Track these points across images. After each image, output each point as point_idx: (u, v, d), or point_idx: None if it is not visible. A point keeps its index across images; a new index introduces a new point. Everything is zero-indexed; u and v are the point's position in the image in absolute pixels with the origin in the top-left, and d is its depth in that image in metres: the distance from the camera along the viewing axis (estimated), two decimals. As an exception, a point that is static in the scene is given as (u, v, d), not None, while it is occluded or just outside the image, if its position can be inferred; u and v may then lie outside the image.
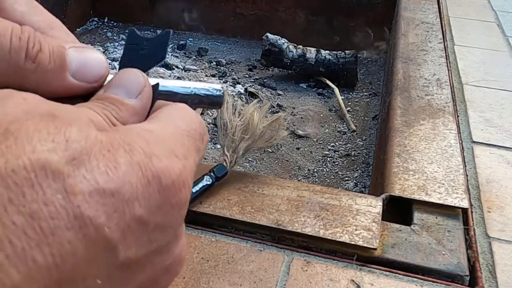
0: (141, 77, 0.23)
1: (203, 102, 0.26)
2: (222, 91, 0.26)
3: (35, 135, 0.16)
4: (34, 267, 0.15)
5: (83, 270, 0.16)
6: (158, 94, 0.23)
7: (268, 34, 1.26)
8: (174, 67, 1.27)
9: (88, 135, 0.17)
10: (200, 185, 0.45)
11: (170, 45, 1.40)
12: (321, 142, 1.03)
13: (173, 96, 0.25)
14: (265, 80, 1.27)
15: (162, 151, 0.19)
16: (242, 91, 1.19)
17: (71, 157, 0.16)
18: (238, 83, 1.24)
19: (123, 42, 1.46)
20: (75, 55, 0.21)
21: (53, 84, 0.20)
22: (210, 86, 0.26)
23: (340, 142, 1.02)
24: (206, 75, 1.26)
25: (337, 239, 0.43)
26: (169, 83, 0.25)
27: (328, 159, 0.97)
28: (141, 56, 0.25)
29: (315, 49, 1.25)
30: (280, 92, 1.22)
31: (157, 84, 0.24)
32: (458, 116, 0.67)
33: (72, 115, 0.18)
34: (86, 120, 0.19)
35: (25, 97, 0.18)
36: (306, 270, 0.41)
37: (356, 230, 0.43)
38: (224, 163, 0.47)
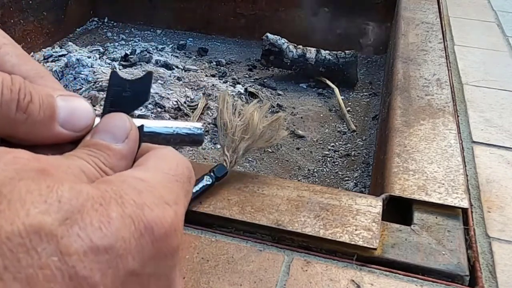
0: (127, 121, 0.23)
1: (184, 141, 0.27)
2: (203, 129, 0.28)
3: (27, 197, 0.16)
4: None
5: None
6: (142, 135, 0.24)
7: (268, 34, 1.26)
8: (174, 67, 1.27)
9: (80, 191, 0.17)
10: (200, 185, 0.45)
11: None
12: (321, 142, 1.03)
13: (156, 137, 0.26)
14: (265, 80, 1.27)
15: (153, 200, 0.19)
16: (242, 91, 1.19)
17: (64, 218, 0.16)
18: (238, 83, 1.24)
19: (123, 42, 1.46)
20: (63, 105, 0.22)
21: (42, 133, 0.21)
22: (192, 125, 0.27)
23: (340, 142, 1.02)
24: (206, 75, 1.26)
25: (337, 239, 0.43)
26: (152, 124, 0.26)
27: (328, 159, 0.97)
28: (125, 99, 0.25)
29: (315, 49, 1.25)
30: (280, 92, 1.22)
31: (142, 126, 0.25)
32: (458, 116, 0.67)
33: (63, 169, 0.19)
34: (77, 172, 0.19)
35: (16, 155, 0.18)
36: (306, 270, 0.41)
37: (356, 230, 0.43)
38: (224, 163, 0.47)
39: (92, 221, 0.17)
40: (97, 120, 0.24)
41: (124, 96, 0.25)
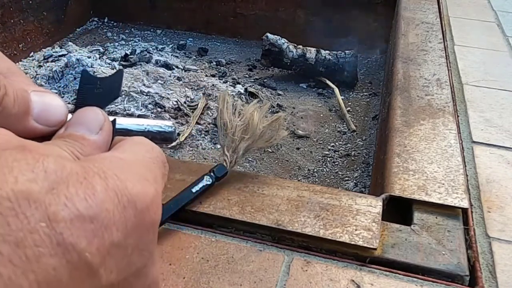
0: (100, 114, 0.23)
1: (155, 138, 0.27)
2: (174, 128, 0.28)
3: (14, 165, 0.17)
4: None
5: None
6: (114, 132, 0.25)
7: (268, 34, 1.26)
8: (174, 67, 1.27)
9: (65, 165, 0.18)
10: (200, 185, 0.45)
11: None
12: (321, 142, 1.03)
13: (127, 134, 0.26)
14: (265, 80, 1.27)
15: (134, 176, 0.19)
16: (242, 91, 1.19)
17: (51, 187, 0.17)
18: (238, 83, 1.24)
19: (123, 42, 1.46)
20: (37, 99, 0.22)
21: (17, 128, 0.21)
22: (163, 123, 0.28)
23: (340, 142, 1.02)
24: (206, 75, 1.26)
25: (337, 239, 0.43)
26: (124, 121, 0.27)
27: (328, 159, 0.97)
28: (96, 95, 0.26)
29: (315, 49, 1.25)
30: (280, 92, 1.22)
31: (115, 120, 0.25)
32: (458, 116, 0.67)
33: (43, 149, 0.19)
34: (57, 153, 0.19)
35: None
36: (306, 270, 0.41)
37: (356, 230, 0.43)
38: (224, 163, 0.47)
39: (78, 192, 0.17)
40: (70, 116, 0.24)
41: (96, 93, 0.26)
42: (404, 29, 0.95)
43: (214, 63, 1.36)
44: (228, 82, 1.23)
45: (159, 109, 1.06)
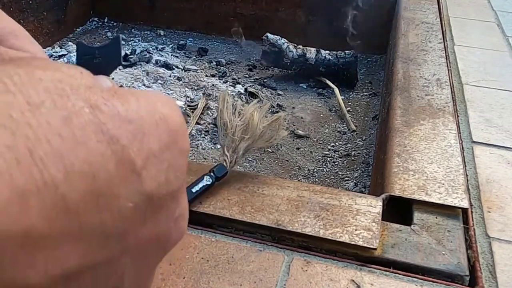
0: (107, 80, 0.23)
1: None
2: None
3: (49, 66, 0.17)
4: (72, 169, 0.15)
5: (116, 189, 0.16)
6: None
7: (268, 34, 1.26)
8: (174, 67, 1.27)
9: (99, 79, 0.19)
10: (200, 185, 0.45)
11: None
12: (321, 142, 1.03)
13: None
14: (265, 80, 1.27)
15: (163, 100, 0.19)
16: (242, 91, 1.19)
17: (88, 85, 0.17)
18: (238, 83, 1.24)
19: (123, 42, 1.46)
20: None
21: None
22: None
23: (340, 142, 1.02)
24: (206, 75, 1.26)
25: (337, 239, 0.43)
26: None
27: (328, 159, 0.97)
28: (97, 65, 0.25)
29: (315, 49, 1.25)
30: (280, 92, 1.22)
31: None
32: (458, 116, 0.67)
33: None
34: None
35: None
36: (306, 270, 0.41)
37: (356, 230, 0.43)
38: (224, 163, 0.47)
39: (113, 98, 0.17)
40: None
41: (95, 63, 0.25)
42: (404, 29, 0.95)
43: (214, 63, 1.36)
44: (228, 82, 1.23)
45: (159, 109, 1.06)
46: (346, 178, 0.90)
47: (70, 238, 0.15)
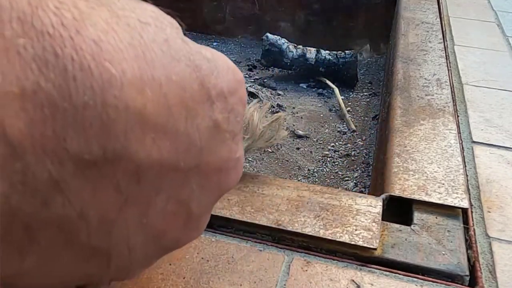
0: None
1: None
2: None
3: (150, 5, 0.20)
4: (170, 77, 0.17)
5: (198, 107, 0.18)
6: None
7: (268, 34, 1.26)
8: (174, 67, 1.27)
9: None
10: (200, 185, 0.45)
11: None
12: (321, 142, 1.03)
13: None
14: (265, 80, 1.27)
15: (223, 59, 0.22)
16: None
17: (177, 26, 0.20)
18: (238, 83, 1.24)
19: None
20: None
21: None
22: None
23: (340, 142, 1.02)
24: (206, 75, 1.26)
25: (337, 239, 0.43)
26: None
27: (328, 159, 0.97)
28: None
29: (315, 49, 1.25)
30: (280, 92, 1.22)
31: None
32: (458, 116, 0.67)
33: None
34: None
35: None
36: (306, 270, 0.41)
37: (356, 230, 0.43)
38: (224, 163, 0.47)
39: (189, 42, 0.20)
40: None
41: None
42: (404, 29, 0.95)
43: (214, 63, 1.36)
44: (228, 82, 1.23)
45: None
46: (346, 178, 0.90)
47: (166, 131, 0.17)
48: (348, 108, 1.14)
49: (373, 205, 0.46)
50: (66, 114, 0.14)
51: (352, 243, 0.42)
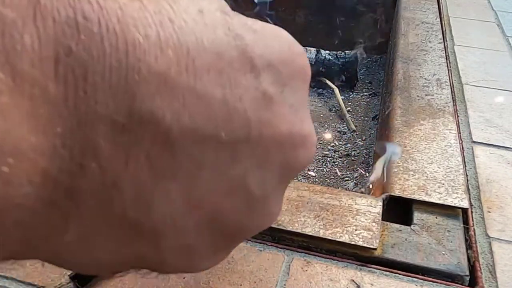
0: None
1: None
2: None
3: None
4: (202, 45, 0.16)
5: (238, 76, 0.17)
6: None
7: (268, 34, 1.26)
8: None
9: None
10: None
11: None
12: (321, 142, 1.03)
13: None
14: (265, 80, 1.27)
15: (287, 34, 0.21)
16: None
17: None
18: (238, 83, 1.24)
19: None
20: None
21: None
22: None
23: (340, 142, 1.02)
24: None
25: (337, 239, 0.43)
26: None
27: (328, 159, 0.97)
28: None
29: (315, 49, 1.25)
30: (280, 92, 1.22)
31: None
32: (458, 116, 0.67)
33: None
34: None
35: None
36: (306, 270, 0.41)
37: (356, 230, 0.43)
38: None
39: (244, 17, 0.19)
40: None
41: None
42: (404, 29, 0.95)
43: (214, 63, 1.36)
44: (228, 82, 1.23)
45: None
46: (346, 178, 0.90)
47: (198, 96, 0.16)
48: (348, 108, 1.14)
49: (373, 205, 0.46)
50: (95, 76, 0.14)
51: (352, 243, 0.42)
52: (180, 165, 0.17)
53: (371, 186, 0.55)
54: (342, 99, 1.16)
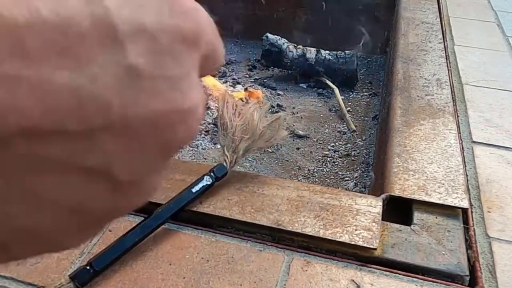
0: None
1: None
2: None
3: None
4: (39, 14, 0.14)
5: (91, 52, 0.15)
6: None
7: (268, 34, 1.27)
8: (174, 67, 1.27)
9: None
10: (200, 185, 0.45)
11: None
12: (321, 142, 1.03)
13: None
14: (265, 80, 1.27)
15: None
16: (242, 91, 1.19)
17: None
18: (238, 83, 1.24)
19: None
20: None
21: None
22: None
23: (340, 142, 1.02)
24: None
25: (337, 239, 0.43)
26: None
27: (328, 159, 0.97)
28: None
29: (315, 49, 1.25)
30: (280, 92, 1.22)
31: None
32: (458, 116, 0.67)
33: None
34: None
35: None
36: (306, 270, 0.41)
37: (356, 230, 0.43)
38: (224, 163, 0.47)
39: None
40: None
41: None
42: (404, 29, 0.95)
43: (214, 63, 1.36)
44: (228, 82, 1.23)
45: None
46: (346, 178, 0.90)
47: (22, 85, 0.14)
48: (348, 108, 1.14)
49: (373, 205, 0.46)
50: None
51: (352, 243, 0.42)
52: (16, 165, 0.15)
53: None
54: (342, 99, 1.16)
